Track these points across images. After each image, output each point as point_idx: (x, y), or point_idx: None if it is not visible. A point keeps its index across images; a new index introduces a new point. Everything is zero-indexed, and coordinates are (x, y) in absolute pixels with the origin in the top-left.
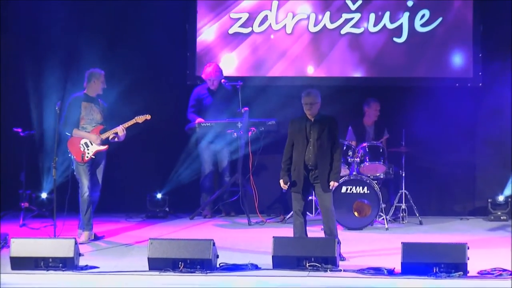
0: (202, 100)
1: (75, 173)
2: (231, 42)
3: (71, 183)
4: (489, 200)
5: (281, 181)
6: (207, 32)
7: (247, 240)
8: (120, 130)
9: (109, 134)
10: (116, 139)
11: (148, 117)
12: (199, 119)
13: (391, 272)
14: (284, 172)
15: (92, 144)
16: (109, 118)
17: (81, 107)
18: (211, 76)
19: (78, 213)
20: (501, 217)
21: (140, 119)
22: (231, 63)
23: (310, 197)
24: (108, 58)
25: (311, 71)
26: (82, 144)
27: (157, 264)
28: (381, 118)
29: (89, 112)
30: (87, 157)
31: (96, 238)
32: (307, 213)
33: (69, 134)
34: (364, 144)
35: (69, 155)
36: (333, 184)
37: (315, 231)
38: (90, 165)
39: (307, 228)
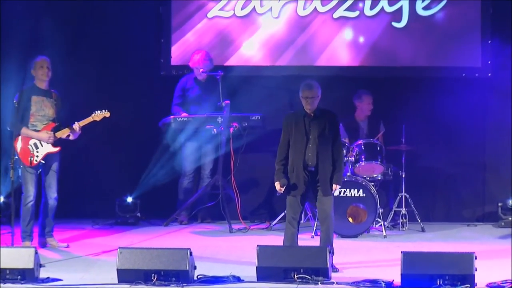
0: (187, 91)
1: (20, 178)
2: (210, 27)
3: None
4: (499, 204)
5: (277, 184)
6: (184, 16)
7: (228, 249)
8: (77, 128)
9: (64, 134)
10: (70, 137)
11: (107, 114)
12: (182, 114)
13: (389, 285)
14: (280, 173)
15: (42, 145)
16: (63, 109)
17: (30, 101)
18: (199, 64)
19: (39, 220)
20: None
21: (97, 116)
22: (210, 50)
23: None
24: (71, 45)
25: (299, 59)
26: (31, 145)
27: (127, 276)
28: (376, 112)
29: (40, 107)
30: (36, 160)
31: (44, 245)
32: None
33: (17, 133)
34: (360, 142)
35: (16, 157)
36: (335, 187)
37: (305, 239)
38: (39, 169)
39: None
